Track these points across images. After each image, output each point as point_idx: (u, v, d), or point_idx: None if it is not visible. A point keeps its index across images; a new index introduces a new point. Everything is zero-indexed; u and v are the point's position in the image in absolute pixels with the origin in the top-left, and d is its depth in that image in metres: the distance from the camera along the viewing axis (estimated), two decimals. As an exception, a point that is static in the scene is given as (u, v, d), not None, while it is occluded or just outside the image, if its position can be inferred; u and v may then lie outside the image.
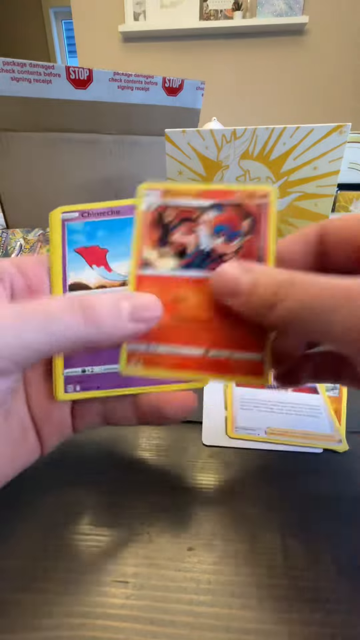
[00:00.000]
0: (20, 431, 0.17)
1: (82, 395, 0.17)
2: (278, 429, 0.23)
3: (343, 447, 0.22)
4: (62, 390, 0.17)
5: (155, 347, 0.16)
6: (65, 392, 0.17)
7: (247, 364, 0.16)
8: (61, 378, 0.17)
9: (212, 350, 0.16)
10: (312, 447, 0.22)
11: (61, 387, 0.17)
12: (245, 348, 0.16)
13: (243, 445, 0.23)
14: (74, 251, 0.18)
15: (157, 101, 0.58)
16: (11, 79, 0.47)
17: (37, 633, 0.14)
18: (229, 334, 0.16)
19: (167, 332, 0.16)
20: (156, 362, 0.16)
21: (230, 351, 0.16)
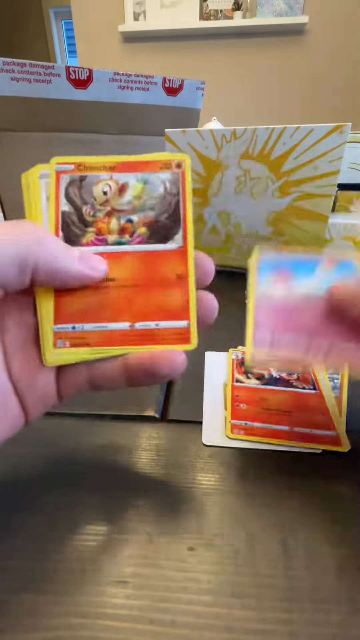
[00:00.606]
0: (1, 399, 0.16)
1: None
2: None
3: (343, 448, 0.22)
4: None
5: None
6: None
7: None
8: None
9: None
10: (313, 448, 0.22)
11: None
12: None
13: (243, 446, 0.23)
14: None
15: (157, 101, 0.58)
16: (11, 79, 0.47)
17: (37, 633, 0.14)
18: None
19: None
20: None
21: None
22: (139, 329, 0.17)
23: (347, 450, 0.22)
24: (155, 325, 0.17)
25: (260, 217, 0.45)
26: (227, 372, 0.29)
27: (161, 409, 0.26)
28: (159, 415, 0.26)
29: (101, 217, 0.17)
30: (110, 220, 0.17)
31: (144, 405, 0.26)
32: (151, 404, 0.26)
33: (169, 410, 0.26)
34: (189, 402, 0.27)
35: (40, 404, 0.17)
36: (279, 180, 0.42)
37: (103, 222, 0.17)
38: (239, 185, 0.44)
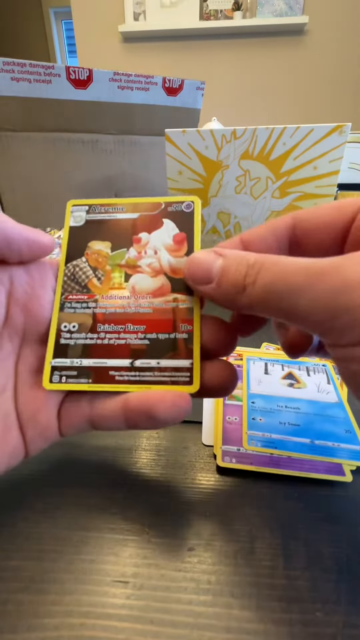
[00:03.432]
0: (4, 428, 0.16)
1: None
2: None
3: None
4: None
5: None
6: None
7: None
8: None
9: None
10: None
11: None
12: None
13: (243, 445, 0.23)
14: None
15: (157, 101, 0.58)
16: (11, 79, 0.47)
17: (37, 633, 0.14)
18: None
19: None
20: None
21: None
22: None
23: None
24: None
25: (260, 217, 0.45)
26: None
27: (161, 409, 0.26)
28: (159, 415, 0.26)
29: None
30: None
31: (144, 405, 0.26)
32: (151, 404, 0.26)
33: (169, 410, 0.26)
34: (189, 402, 0.27)
35: (40, 439, 0.17)
36: (278, 180, 0.42)
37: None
38: (238, 185, 0.44)
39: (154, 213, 0.18)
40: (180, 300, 0.16)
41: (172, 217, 0.18)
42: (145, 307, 0.17)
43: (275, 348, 0.33)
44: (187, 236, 0.17)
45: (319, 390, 0.27)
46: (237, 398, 0.26)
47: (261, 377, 0.28)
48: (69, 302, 0.17)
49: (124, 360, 0.16)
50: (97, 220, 0.18)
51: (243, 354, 0.31)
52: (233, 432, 0.23)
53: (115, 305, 0.17)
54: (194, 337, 0.16)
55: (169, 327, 0.16)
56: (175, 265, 0.17)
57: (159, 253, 0.17)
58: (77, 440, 0.23)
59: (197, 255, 0.15)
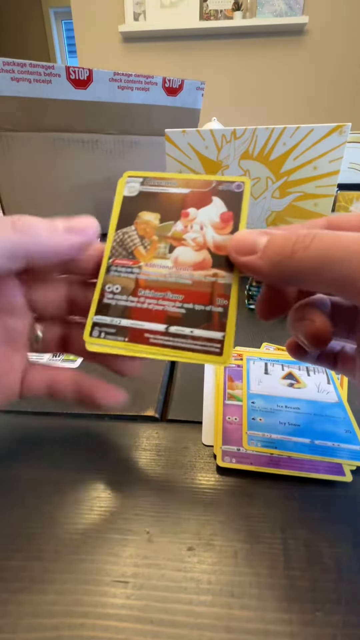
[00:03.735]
0: None
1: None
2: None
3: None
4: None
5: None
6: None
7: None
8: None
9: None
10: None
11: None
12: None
13: (243, 445, 0.23)
14: None
15: (157, 101, 0.58)
16: (11, 79, 0.47)
17: (37, 633, 0.14)
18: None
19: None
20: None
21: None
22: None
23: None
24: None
25: (260, 217, 0.45)
26: (214, 382, 0.29)
27: (161, 409, 0.26)
28: (159, 415, 0.26)
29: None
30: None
31: (144, 405, 0.26)
32: (151, 404, 0.26)
33: (169, 410, 0.26)
34: (189, 402, 0.27)
35: (2, 396, 0.19)
36: (278, 180, 0.42)
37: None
38: (239, 185, 0.44)
39: (205, 190, 0.18)
40: (220, 276, 0.17)
41: (222, 195, 0.18)
42: (186, 278, 0.17)
43: (276, 348, 0.33)
44: (234, 215, 0.18)
45: (319, 390, 0.27)
46: (237, 398, 0.26)
47: (261, 377, 0.28)
48: (115, 266, 0.18)
49: (160, 325, 0.17)
50: (150, 192, 0.19)
51: (243, 354, 0.31)
52: (233, 432, 0.23)
53: (157, 273, 0.18)
54: (228, 312, 0.17)
55: (205, 300, 0.17)
56: (219, 242, 0.17)
57: (205, 229, 0.18)
58: (77, 440, 0.23)
59: (242, 231, 0.17)
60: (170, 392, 0.28)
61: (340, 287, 0.13)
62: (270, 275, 0.15)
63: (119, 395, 0.19)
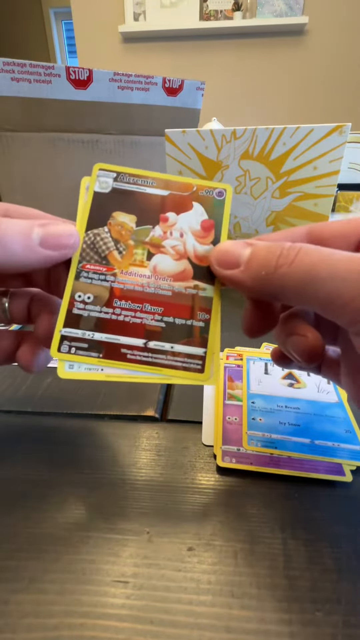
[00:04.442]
0: None
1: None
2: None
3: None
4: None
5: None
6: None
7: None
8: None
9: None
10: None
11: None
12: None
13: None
14: None
15: (157, 101, 0.58)
16: (11, 79, 0.47)
17: (37, 633, 0.14)
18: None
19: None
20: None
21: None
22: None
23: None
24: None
25: (260, 217, 0.45)
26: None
27: (161, 409, 0.26)
28: (159, 415, 0.26)
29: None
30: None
31: (144, 405, 0.26)
32: (151, 404, 0.26)
33: (169, 410, 0.26)
34: (189, 402, 0.27)
35: None
36: (278, 180, 0.42)
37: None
38: (238, 186, 0.44)
39: (185, 194, 0.17)
40: (201, 288, 0.16)
41: (203, 201, 0.17)
42: (165, 290, 0.16)
43: (275, 348, 0.33)
44: (215, 223, 0.17)
45: (319, 390, 0.27)
46: (237, 398, 0.26)
47: (261, 377, 0.28)
48: (85, 272, 0.17)
49: (138, 340, 0.16)
50: (125, 190, 0.17)
51: (243, 354, 0.31)
52: (233, 432, 0.23)
53: (135, 282, 0.16)
54: (210, 327, 0.16)
55: (186, 313, 0.16)
56: (200, 252, 0.17)
57: (185, 236, 0.17)
58: (77, 440, 0.23)
59: (225, 243, 0.16)
60: (170, 392, 0.28)
61: (325, 306, 0.13)
62: (254, 290, 0.15)
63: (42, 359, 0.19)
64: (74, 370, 0.16)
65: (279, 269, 0.13)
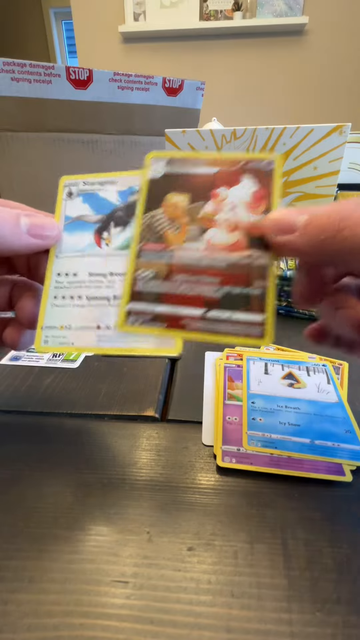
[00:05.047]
0: None
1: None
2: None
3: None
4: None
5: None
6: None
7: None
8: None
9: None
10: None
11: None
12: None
13: (243, 445, 0.23)
14: None
15: (157, 101, 0.58)
16: (11, 79, 0.47)
17: (37, 633, 0.14)
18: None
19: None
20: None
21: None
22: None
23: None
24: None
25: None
26: (214, 382, 0.29)
27: (161, 409, 0.26)
28: (159, 415, 0.26)
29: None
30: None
31: (144, 405, 0.26)
32: (151, 404, 0.26)
33: (169, 410, 0.26)
34: (189, 402, 0.27)
35: None
36: (279, 180, 0.42)
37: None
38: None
39: (234, 169, 0.18)
40: (256, 257, 0.17)
41: (252, 174, 0.18)
42: (221, 261, 0.17)
43: (276, 348, 0.33)
44: (266, 194, 0.17)
45: (319, 390, 0.27)
46: (237, 398, 0.26)
47: (261, 377, 0.28)
48: (145, 251, 0.18)
49: (197, 310, 0.17)
50: (176, 174, 0.18)
51: (243, 354, 0.31)
52: (233, 432, 0.23)
53: (191, 256, 0.17)
54: (267, 293, 0.16)
55: (243, 282, 0.17)
56: (254, 222, 0.17)
57: (237, 209, 0.17)
58: (78, 440, 0.23)
59: (279, 210, 0.16)
60: (170, 392, 0.28)
61: None
62: (310, 254, 0.15)
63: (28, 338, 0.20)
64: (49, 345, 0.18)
65: (340, 232, 0.14)
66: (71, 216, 0.19)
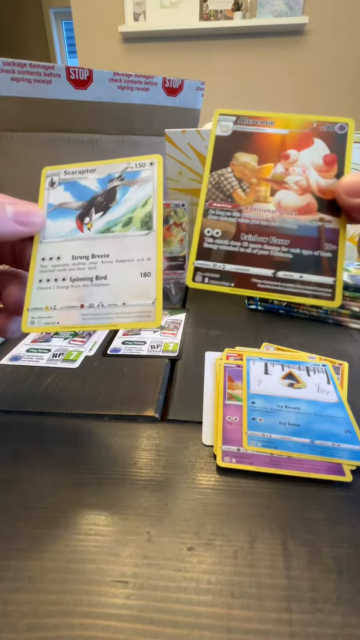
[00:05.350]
0: None
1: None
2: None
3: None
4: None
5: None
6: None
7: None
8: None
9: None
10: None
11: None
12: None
13: (243, 445, 0.23)
14: None
15: (157, 101, 0.58)
16: (11, 79, 0.47)
17: (37, 633, 0.14)
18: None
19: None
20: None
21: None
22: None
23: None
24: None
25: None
26: (214, 382, 0.29)
27: (161, 409, 0.26)
28: (159, 415, 0.26)
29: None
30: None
31: (144, 405, 0.26)
32: (151, 404, 0.26)
33: (169, 410, 0.26)
34: (189, 402, 0.27)
35: None
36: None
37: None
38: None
39: (305, 131, 0.18)
40: (326, 220, 0.17)
41: (324, 137, 0.17)
42: (291, 223, 0.17)
43: (276, 348, 0.33)
44: (337, 158, 0.17)
45: (319, 390, 0.27)
46: (237, 398, 0.26)
47: (261, 377, 0.28)
48: (212, 209, 0.18)
49: (267, 270, 0.17)
50: (245, 132, 0.18)
51: (243, 354, 0.31)
52: (233, 432, 0.23)
53: (260, 217, 0.17)
54: (338, 257, 0.16)
55: (313, 245, 0.17)
56: (324, 186, 0.17)
57: (308, 172, 0.17)
58: (78, 440, 0.23)
59: (353, 174, 0.16)
60: (170, 392, 0.28)
61: None
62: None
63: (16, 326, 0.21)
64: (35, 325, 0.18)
65: None
66: (54, 204, 0.20)
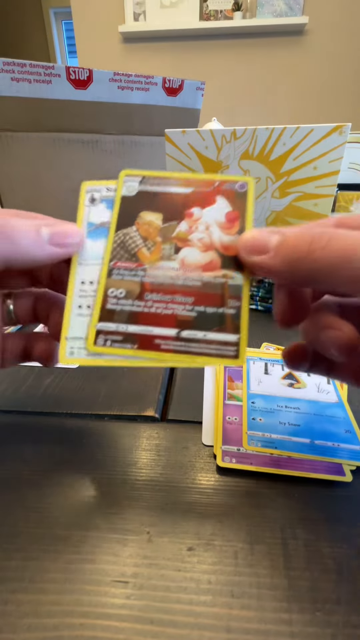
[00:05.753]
0: None
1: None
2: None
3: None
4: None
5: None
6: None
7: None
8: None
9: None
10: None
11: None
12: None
13: (243, 445, 0.23)
14: None
15: (157, 101, 0.58)
16: (11, 79, 0.47)
17: (37, 633, 0.14)
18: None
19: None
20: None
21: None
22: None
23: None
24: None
25: (260, 217, 0.45)
26: (214, 382, 0.29)
27: (161, 409, 0.26)
28: (159, 415, 0.26)
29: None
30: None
31: (144, 405, 0.26)
32: (151, 404, 0.26)
33: (169, 410, 0.26)
34: (189, 402, 0.27)
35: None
36: (278, 180, 0.42)
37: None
38: (239, 186, 0.44)
39: (208, 190, 0.18)
40: (229, 277, 0.17)
41: (226, 195, 0.18)
42: (194, 280, 0.17)
43: (276, 348, 0.33)
44: (239, 215, 0.17)
45: (319, 390, 0.27)
46: (237, 398, 0.26)
47: (261, 377, 0.28)
48: (117, 269, 0.17)
49: (171, 330, 0.16)
50: (150, 192, 0.18)
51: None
52: (233, 432, 0.23)
53: (164, 275, 0.17)
54: (241, 313, 0.16)
55: (217, 302, 0.16)
56: (227, 242, 0.17)
57: (211, 229, 0.17)
58: (78, 441, 0.23)
59: (252, 230, 0.16)
60: (170, 392, 0.28)
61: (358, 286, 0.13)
62: (284, 275, 0.15)
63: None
64: (74, 357, 0.17)
65: (311, 254, 0.14)
66: (94, 222, 0.19)
